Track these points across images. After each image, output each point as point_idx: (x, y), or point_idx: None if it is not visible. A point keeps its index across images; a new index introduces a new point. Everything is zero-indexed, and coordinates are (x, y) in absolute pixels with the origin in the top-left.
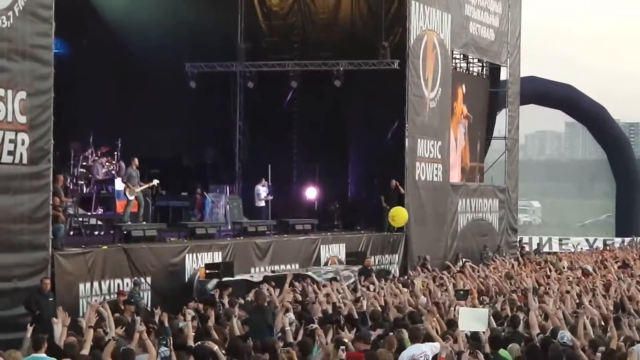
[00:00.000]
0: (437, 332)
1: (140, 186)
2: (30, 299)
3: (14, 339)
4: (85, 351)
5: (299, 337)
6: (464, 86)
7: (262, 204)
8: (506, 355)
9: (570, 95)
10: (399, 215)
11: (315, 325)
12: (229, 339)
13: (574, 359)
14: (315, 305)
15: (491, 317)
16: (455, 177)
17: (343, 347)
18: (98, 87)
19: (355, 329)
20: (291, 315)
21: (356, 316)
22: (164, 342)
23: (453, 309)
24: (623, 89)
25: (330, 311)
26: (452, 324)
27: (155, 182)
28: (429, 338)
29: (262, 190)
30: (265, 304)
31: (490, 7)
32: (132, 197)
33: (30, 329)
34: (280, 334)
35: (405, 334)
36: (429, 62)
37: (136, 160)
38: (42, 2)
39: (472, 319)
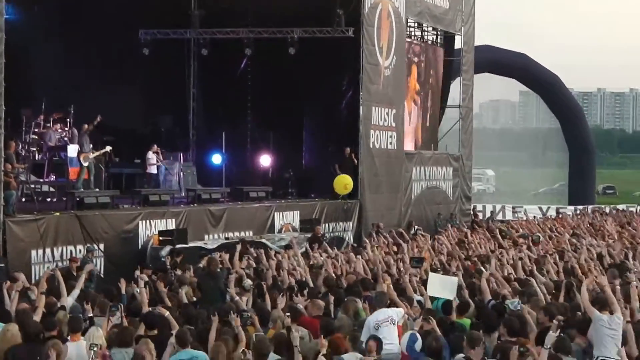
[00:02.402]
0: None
1: (93, 153)
2: None
3: None
4: (37, 317)
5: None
6: (417, 61)
7: (154, 170)
8: (465, 322)
9: (524, 64)
10: (348, 182)
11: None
12: (181, 305)
13: (523, 323)
14: (268, 272)
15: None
16: (409, 147)
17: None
18: (50, 53)
19: (307, 296)
20: (248, 281)
21: (310, 283)
22: (116, 308)
23: (407, 276)
24: (577, 58)
25: (282, 278)
26: (403, 291)
27: (108, 148)
28: (393, 304)
29: (152, 156)
30: (218, 269)
31: None
32: (86, 164)
33: None
34: (231, 300)
35: (359, 302)
36: (383, 31)
37: (86, 126)
38: None
39: (441, 286)
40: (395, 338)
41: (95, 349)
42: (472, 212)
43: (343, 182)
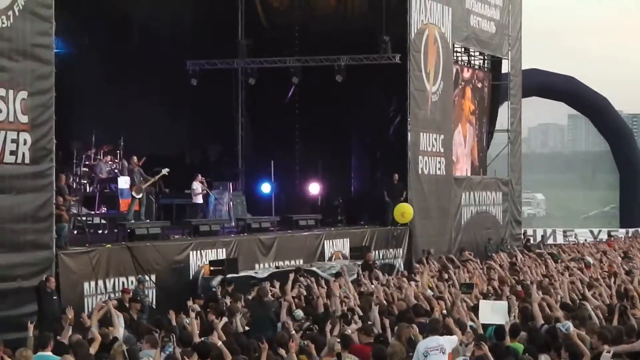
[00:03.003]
0: None
1: (148, 181)
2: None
3: (19, 339)
4: (93, 350)
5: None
6: (471, 85)
7: (200, 200)
8: (517, 346)
9: (572, 87)
10: (406, 211)
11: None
12: (233, 335)
13: (575, 347)
14: (319, 300)
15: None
16: (467, 172)
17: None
18: (100, 86)
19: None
20: (299, 312)
21: (360, 311)
22: (168, 339)
23: (459, 302)
24: (627, 79)
25: (333, 306)
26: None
27: (165, 171)
28: (447, 331)
29: (197, 185)
30: (266, 298)
31: (491, 0)
32: (138, 196)
33: (31, 326)
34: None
35: (413, 329)
36: (430, 56)
37: (135, 158)
38: (42, 1)
39: (492, 312)
40: None
41: None
42: (522, 237)
43: (400, 210)
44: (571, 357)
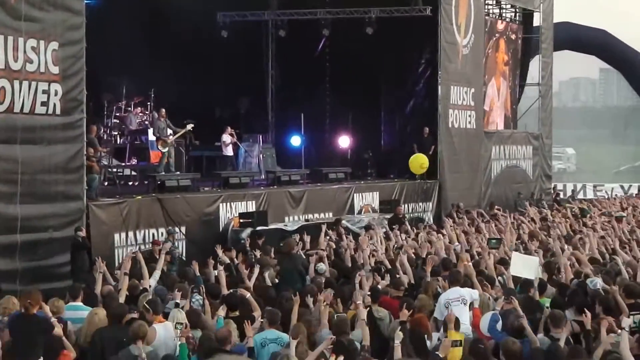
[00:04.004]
0: None
1: (175, 134)
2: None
3: (52, 289)
4: (121, 299)
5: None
6: (505, 37)
7: (230, 152)
8: (543, 301)
9: (604, 40)
10: (424, 161)
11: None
12: (262, 288)
13: (606, 302)
14: (346, 253)
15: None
16: (500, 125)
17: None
18: (130, 37)
19: (389, 277)
20: (322, 265)
21: (388, 264)
22: (196, 291)
23: (487, 255)
24: None
25: (361, 259)
26: (482, 272)
27: (190, 127)
28: (468, 284)
29: (227, 137)
30: (294, 251)
31: None
32: (165, 150)
33: None
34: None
35: (440, 281)
36: (461, 9)
37: (163, 110)
38: None
39: (523, 266)
40: (466, 318)
41: (180, 327)
42: (552, 191)
43: (419, 162)
44: (605, 312)
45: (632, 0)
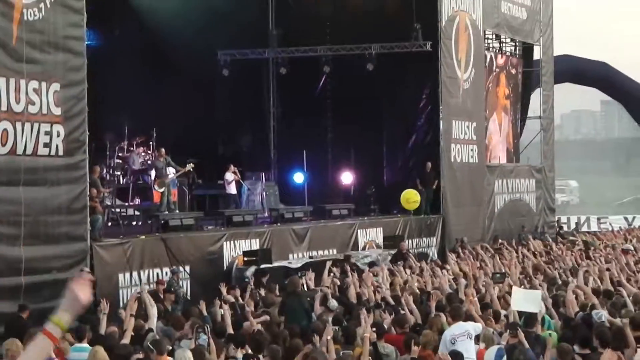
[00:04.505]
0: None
1: (177, 172)
2: None
3: None
4: (126, 340)
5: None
6: (505, 71)
7: (233, 190)
8: (545, 335)
9: (605, 73)
10: (410, 197)
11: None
12: (267, 325)
13: (611, 335)
14: (351, 289)
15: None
16: (503, 159)
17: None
18: (131, 77)
19: (392, 314)
20: (334, 301)
21: (391, 301)
22: (202, 330)
23: (492, 290)
24: None
25: (366, 296)
26: (487, 306)
27: (190, 166)
28: (470, 318)
29: (230, 176)
30: (299, 289)
31: None
32: (161, 190)
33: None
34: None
35: (443, 317)
36: (461, 43)
37: (163, 150)
38: None
39: (525, 300)
40: (473, 352)
41: None
42: (556, 224)
43: (405, 198)
44: (602, 345)
45: (632, 31)
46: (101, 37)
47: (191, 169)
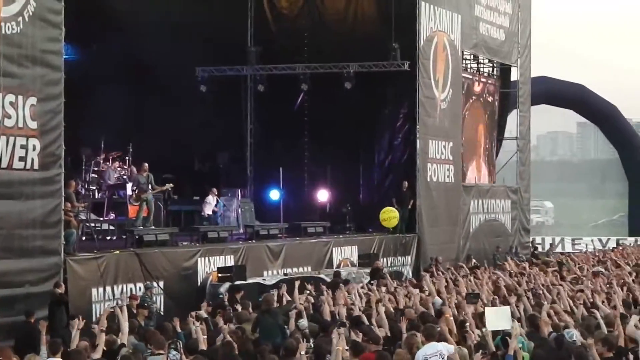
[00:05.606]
0: (450, 334)
1: (154, 190)
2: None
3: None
4: (98, 355)
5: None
6: (482, 99)
7: (210, 212)
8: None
9: (581, 95)
10: (388, 216)
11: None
12: (241, 341)
13: (583, 357)
14: (325, 307)
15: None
16: (479, 179)
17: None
18: (108, 92)
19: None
20: (304, 321)
21: (365, 320)
22: (174, 347)
23: (467, 309)
24: (636, 87)
25: (341, 314)
26: (463, 324)
27: (169, 186)
28: (443, 339)
29: (212, 199)
30: (273, 306)
31: (500, 8)
32: (136, 204)
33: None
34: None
35: (419, 337)
36: (439, 63)
37: (145, 165)
38: (52, 8)
39: (497, 318)
40: None
41: None
42: (531, 245)
43: (382, 218)
44: None
45: (609, 54)
46: (79, 51)
47: (169, 189)
